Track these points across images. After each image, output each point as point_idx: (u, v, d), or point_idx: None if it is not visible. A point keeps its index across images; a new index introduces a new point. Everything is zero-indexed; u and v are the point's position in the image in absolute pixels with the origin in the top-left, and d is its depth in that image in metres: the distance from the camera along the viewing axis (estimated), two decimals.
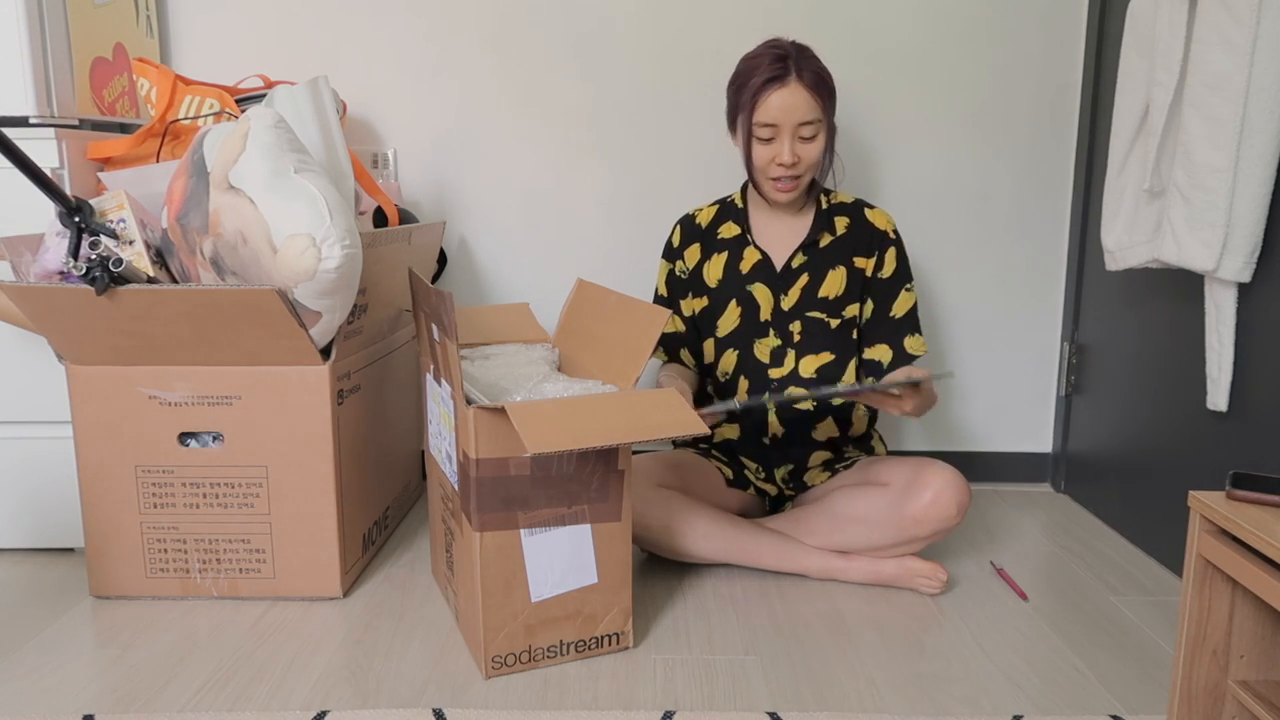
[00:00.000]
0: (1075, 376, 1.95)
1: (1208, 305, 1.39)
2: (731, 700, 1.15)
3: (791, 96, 1.45)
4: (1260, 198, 1.27)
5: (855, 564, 1.48)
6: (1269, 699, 0.95)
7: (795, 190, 1.51)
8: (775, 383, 1.58)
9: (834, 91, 1.50)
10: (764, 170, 1.51)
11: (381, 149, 1.96)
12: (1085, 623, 1.38)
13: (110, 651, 1.27)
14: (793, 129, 1.46)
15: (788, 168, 1.48)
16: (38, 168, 1.26)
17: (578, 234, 1.99)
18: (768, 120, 1.47)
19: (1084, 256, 1.91)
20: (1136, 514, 1.69)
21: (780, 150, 1.47)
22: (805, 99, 1.45)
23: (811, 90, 1.46)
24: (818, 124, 1.47)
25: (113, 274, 1.23)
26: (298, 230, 1.20)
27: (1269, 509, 0.92)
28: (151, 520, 1.39)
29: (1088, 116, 1.87)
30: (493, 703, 1.14)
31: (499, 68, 1.93)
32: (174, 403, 1.35)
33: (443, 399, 1.27)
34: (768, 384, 1.59)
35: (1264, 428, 1.32)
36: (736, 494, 1.62)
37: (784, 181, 1.50)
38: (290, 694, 1.16)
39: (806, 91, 1.45)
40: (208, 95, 1.62)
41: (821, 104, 1.47)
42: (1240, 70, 1.24)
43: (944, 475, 1.40)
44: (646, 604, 1.42)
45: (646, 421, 1.11)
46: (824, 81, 1.48)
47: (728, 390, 1.61)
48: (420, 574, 1.53)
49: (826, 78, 1.48)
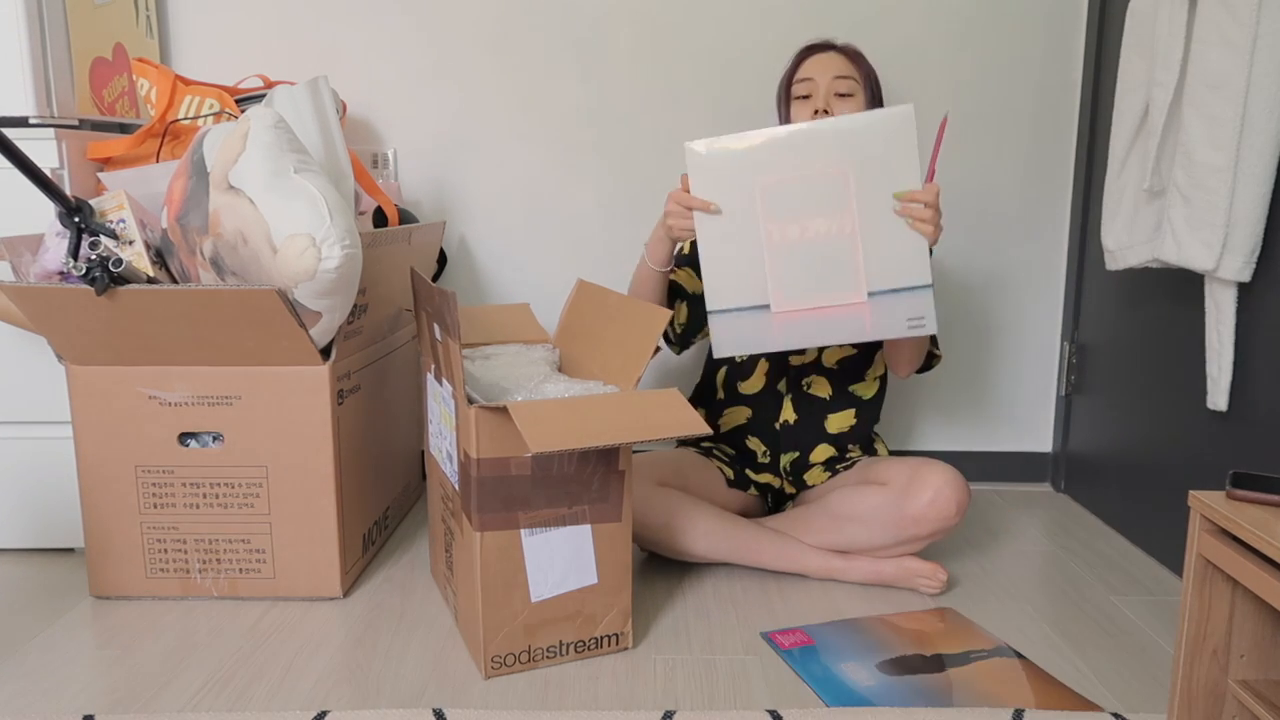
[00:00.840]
0: (1075, 376, 1.95)
1: (1208, 305, 1.39)
2: (731, 700, 1.15)
3: (828, 58, 1.52)
4: (1260, 197, 1.27)
5: (855, 564, 1.48)
6: (1269, 699, 0.95)
7: None
8: (795, 370, 1.60)
9: (874, 73, 1.55)
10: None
11: (381, 149, 1.96)
12: (1085, 623, 1.38)
13: (110, 652, 1.27)
14: (828, 84, 1.50)
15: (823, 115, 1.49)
16: (38, 168, 1.26)
17: (578, 234, 1.99)
18: (804, 76, 1.53)
19: (1084, 256, 1.91)
20: (1136, 514, 1.69)
21: (815, 101, 1.51)
22: (841, 60, 1.52)
23: (848, 57, 1.53)
24: (852, 83, 1.51)
25: (113, 274, 1.23)
26: (298, 230, 1.20)
27: (1269, 509, 0.92)
28: (151, 520, 1.39)
29: (1088, 116, 1.87)
30: (492, 703, 1.14)
31: (499, 68, 1.93)
32: (174, 403, 1.35)
33: (444, 398, 1.27)
34: (788, 370, 1.60)
35: (1264, 428, 1.32)
36: (737, 494, 1.62)
37: None
38: (290, 694, 1.16)
39: (842, 56, 1.52)
40: (208, 95, 1.62)
41: (858, 69, 1.52)
42: (1240, 70, 1.24)
43: (944, 475, 1.40)
44: (646, 604, 1.42)
45: (647, 421, 1.11)
46: (862, 57, 1.54)
47: (746, 372, 1.62)
48: (420, 574, 1.53)
49: (866, 58, 1.54)
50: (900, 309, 1.31)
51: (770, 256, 1.34)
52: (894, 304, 1.32)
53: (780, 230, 1.33)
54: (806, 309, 1.34)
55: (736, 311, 1.35)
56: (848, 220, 1.32)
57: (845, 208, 1.31)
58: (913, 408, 2.05)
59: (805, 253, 1.33)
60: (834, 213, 1.32)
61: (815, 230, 1.32)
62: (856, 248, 1.32)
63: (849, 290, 1.32)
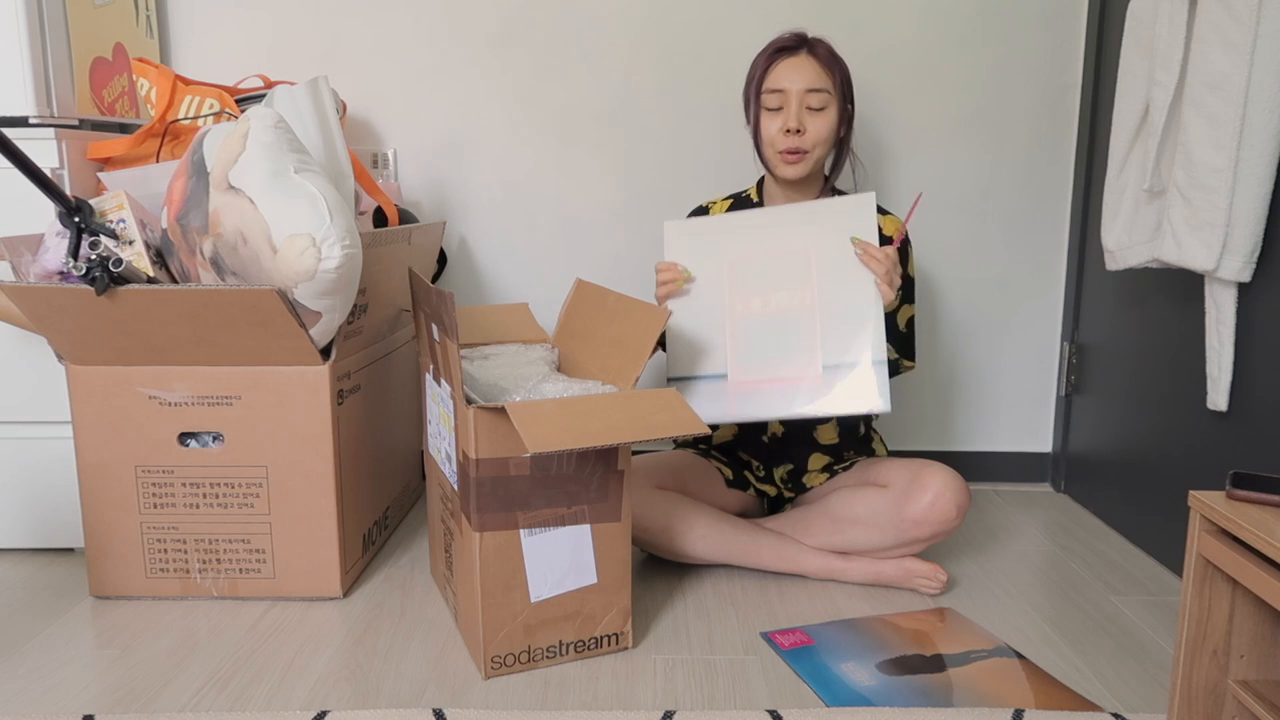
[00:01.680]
0: (1075, 376, 1.95)
1: (1208, 305, 1.39)
2: (731, 700, 1.15)
3: (800, 64, 1.47)
4: (1260, 197, 1.27)
5: (855, 565, 1.48)
6: (1269, 699, 0.95)
7: (802, 163, 1.49)
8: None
9: (847, 77, 1.51)
10: (772, 143, 1.50)
11: (381, 149, 1.96)
12: (1085, 623, 1.38)
13: (110, 652, 1.27)
14: (800, 96, 1.47)
15: (794, 135, 1.47)
16: (38, 168, 1.26)
17: (577, 234, 1.99)
18: (775, 86, 1.48)
19: (1084, 256, 1.91)
20: (1136, 514, 1.69)
21: (787, 117, 1.47)
22: (814, 68, 1.47)
23: (821, 64, 1.47)
24: (826, 96, 1.47)
25: (113, 274, 1.23)
26: (298, 230, 1.20)
27: (1269, 509, 0.92)
28: (151, 520, 1.39)
29: (1088, 116, 1.87)
30: (492, 703, 1.14)
31: (499, 68, 1.93)
32: (174, 403, 1.35)
33: (442, 399, 1.27)
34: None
35: (1264, 428, 1.32)
36: (736, 494, 1.62)
37: (792, 154, 1.49)
38: (290, 694, 1.16)
39: (816, 62, 1.47)
40: (208, 95, 1.62)
41: (831, 78, 1.47)
42: (1240, 70, 1.24)
43: (944, 477, 1.40)
44: (646, 604, 1.42)
45: (646, 421, 1.11)
46: (836, 59, 1.48)
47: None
48: (420, 574, 1.53)
49: (839, 59, 1.49)
50: (855, 383, 1.34)
51: (732, 327, 1.39)
52: (848, 378, 1.34)
53: (744, 303, 1.39)
54: (763, 379, 1.38)
55: (695, 380, 1.41)
56: (808, 294, 1.37)
57: (806, 283, 1.37)
58: (912, 408, 2.05)
59: (766, 325, 1.38)
60: (795, 287, 1.37)
61: (776, 303, 1.38)
62: (815, 321, 1.36)
63: (805, 363, 1.36)
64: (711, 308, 1.40)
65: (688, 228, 1.43)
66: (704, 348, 1.41)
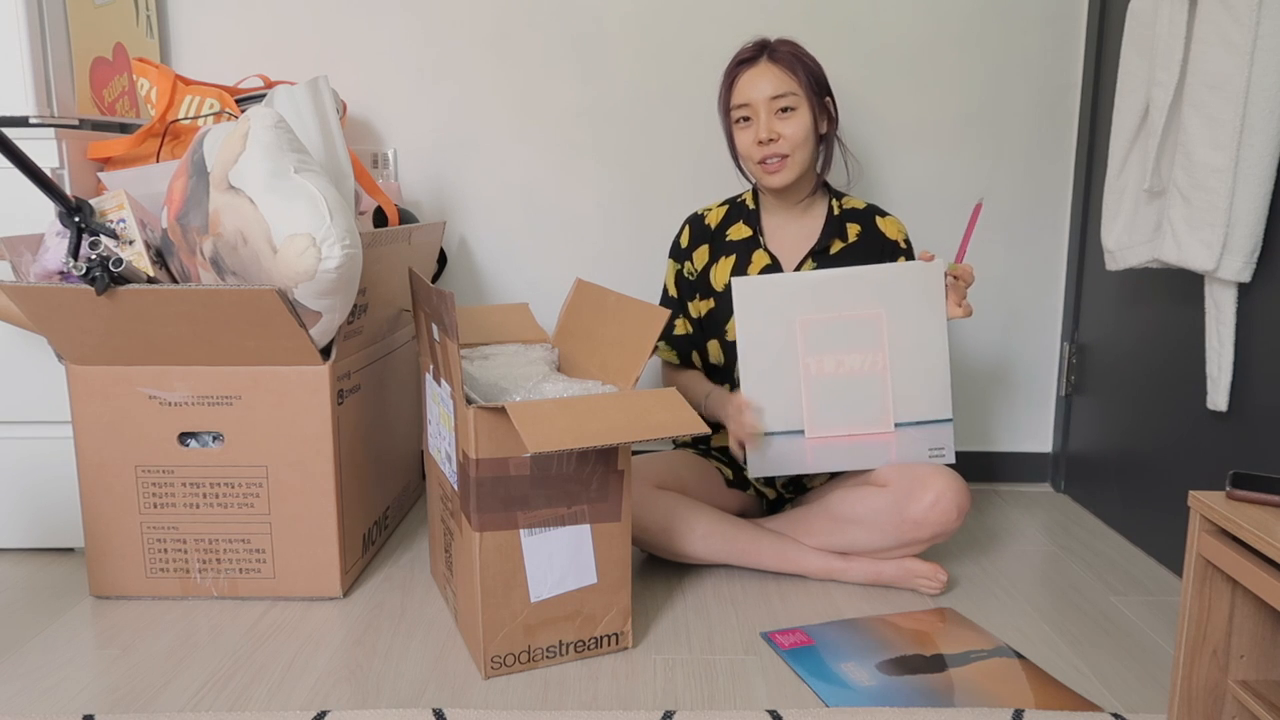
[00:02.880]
0: (1075, 376, 1.95)
1: (1208, 305, 1.39)
2: (731, 700, 1.15)
3: (761, 73, 1.48)
4: (1260, 198, 1.27)
5: (855, 565, 1.48)
6: (1269, 699, 0.95)
7: (783, 169, 1.50)
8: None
9: (816, 72, 1.51)
10: (749, 157, 1.52)
11: (381, 149, 1.96)
12: (1085, 623, 1.38)
13: (110, 651, 1.27)
14: (766, 104, 1.48)
15: (767, 145, 1.48)
16: (38, 168, 1.26)
17: (577, 234, 1.99)
18: (740, 101, 1.50)
19: (1084, 256, 1.91)
20: (1136, 514, 1.69)
21: (758, 128, 1.48)
22: (775, 74, 1.48)
23: (783, 66, 1.48)
24: (794, 97, 1.48)
25: (113, 274, 1.23)
26: (298, 230, 1.20)
27: (1269, 509, 0.92)
28: (151, 520, 1.39)
29: (1088, 116, 1.87)
30: (492, 703, 1.14)
31: (498, 68, 1.93)
32: (174, 403, 1.35)
33: (442, 399, 1.27)
34: None
35: (1264, 428, 1.32)
36: (736, 494, 1.62)
37: (771, 161, 1.50)
38: (290, 694, 1.16)
39: (776, 67, 1.48)
40: (208, 95, 1.62)
41: (796, 79, 1.48)
42: (1240, 70, 1.24)
43: (944, 479, 1.40)
44: (646, 604, 1.42)
45: (646, 421, 1.11)
46: (798, 60, 1.49)
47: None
48: (420, 574, 1.53)
49: (803, 57, 1.49)
50: (923, 439, 1.47)
51: (806, 387, 1.45)
52: (918, 435, 1.47)
53: (817, 363, 1.45)
54: (837, 435, 1.46)
55: (773, 435, 1.46)
56: (880, 357, 1.45)
57: (878, 346, 1.44)
58: None
59: (839, 385, 1.45)
60: (867, 350, 1.45)
61: (850, 365, 1.45)
62: (886, 383, 1.45)
63: (877, 421, 1.47)
64: (785, 367, 1.45)
65: (757, 287, 1.45)
66: (780, 404, 1.46)
